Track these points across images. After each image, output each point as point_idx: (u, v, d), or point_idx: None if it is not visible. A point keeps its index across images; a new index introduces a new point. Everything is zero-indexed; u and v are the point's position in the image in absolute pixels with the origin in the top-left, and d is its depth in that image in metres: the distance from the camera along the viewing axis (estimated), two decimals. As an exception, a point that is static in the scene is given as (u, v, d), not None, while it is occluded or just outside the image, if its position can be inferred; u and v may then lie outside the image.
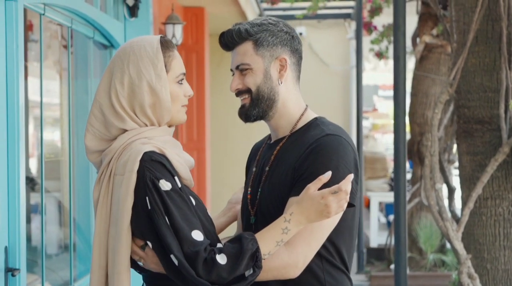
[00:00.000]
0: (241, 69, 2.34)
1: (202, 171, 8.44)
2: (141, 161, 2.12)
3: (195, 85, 8.30)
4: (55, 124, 4.89)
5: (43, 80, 3.91)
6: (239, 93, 2.36)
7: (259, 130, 4.47)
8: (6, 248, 3.18)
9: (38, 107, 3.97)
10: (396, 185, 4.42)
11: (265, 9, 10.57)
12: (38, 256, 3.95)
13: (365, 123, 14.85)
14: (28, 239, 5.82)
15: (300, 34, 10.91)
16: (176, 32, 6.37)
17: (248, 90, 2.34)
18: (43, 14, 3.79)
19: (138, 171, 2.12)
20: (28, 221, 6.10)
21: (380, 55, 9.38)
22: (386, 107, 16.42)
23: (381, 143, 12.92)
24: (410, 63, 10.15)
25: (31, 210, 6.22)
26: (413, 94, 8.58)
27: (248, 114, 2.35)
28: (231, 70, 2.38)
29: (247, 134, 10.17)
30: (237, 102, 2.38)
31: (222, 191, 10.33)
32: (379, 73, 13.72)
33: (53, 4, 3.88)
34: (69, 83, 4.46)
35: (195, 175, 8.34)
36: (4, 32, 3.21)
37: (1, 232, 3.17)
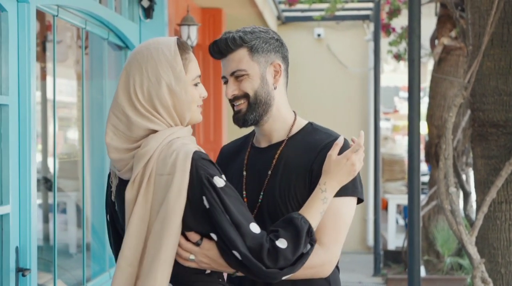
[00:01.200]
0: (237, 76, 2.37)
1: (219, 171, 8.44)
2: (192, 160, 2.14)
3: (212, 86, 8.30)
4: (75, 124, 4.91)
5: (58, 80, 3.94)
6: (235, 99, 2.39)
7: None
8: (17, 248, 3.20)
9: (57, 108, 4.00)
10: (410, 187, 4.39)
11: (283, 11, 10.54)
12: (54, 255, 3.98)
13: (386, 125, 14.77)
14: (46, 238, 5.85)
15: (318, 35, 10.87)
16: (191, 34, 6.36)
17: (245, 95, 2.38)
18: (57, 16, 3.80)
19: (190, 170, 2.14)
20: (46, 220, 6.14)
21: (398, 57, 9.34)
22: (407, 109, 16.28)
23: (401, 144, 12.82)
24: (430, 65, 10.09)
25: (49, 210, 6.24)
26: (431, 97, 8.53)
27: (245, 119, 2.39)
28: (223, 77, 2.40)
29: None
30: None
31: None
32: (399, 75, 13.64)
33: (67, 5, 3.89)
34: (83, 84, 4.48)
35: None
36: (16, 33, 3.22)
37: (13, 232, 3.19)
